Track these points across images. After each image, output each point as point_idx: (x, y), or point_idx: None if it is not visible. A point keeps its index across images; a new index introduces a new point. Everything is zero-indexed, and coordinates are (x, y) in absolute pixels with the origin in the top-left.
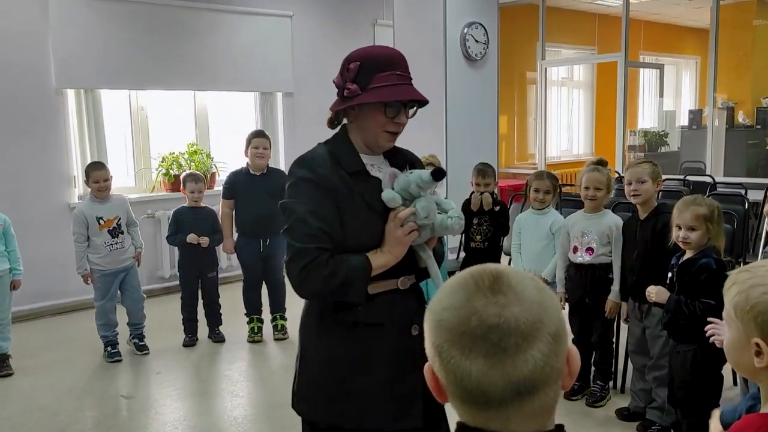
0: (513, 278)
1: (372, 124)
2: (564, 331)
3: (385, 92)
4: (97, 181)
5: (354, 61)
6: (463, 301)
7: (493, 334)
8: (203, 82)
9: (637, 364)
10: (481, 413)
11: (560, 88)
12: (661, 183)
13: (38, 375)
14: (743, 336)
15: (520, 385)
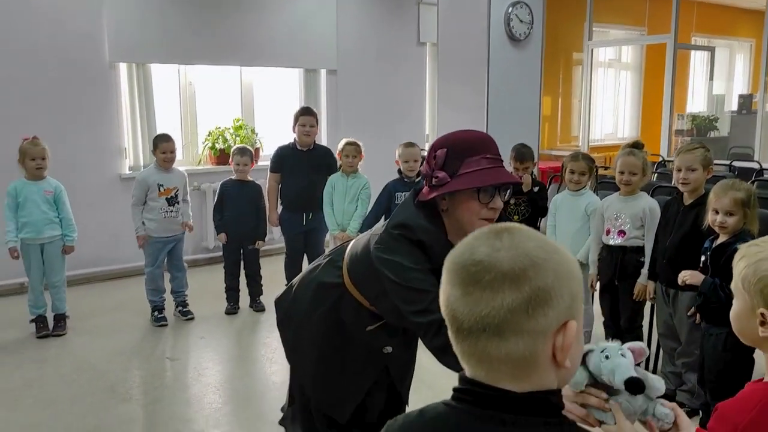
0: (520, 233)
1: (466, 212)
2: (558, 298)
3: (476, 177)
4: (164, 152)
5: (440, 148)
6: (470, 240)
7: (475, 267)
8: (249, 58)
9: (666, 348)
10: (459, 344)
11: (607, 69)
12: (712, 171)
13: (90, 336)
14: (749, 306)
15: (485, 320)
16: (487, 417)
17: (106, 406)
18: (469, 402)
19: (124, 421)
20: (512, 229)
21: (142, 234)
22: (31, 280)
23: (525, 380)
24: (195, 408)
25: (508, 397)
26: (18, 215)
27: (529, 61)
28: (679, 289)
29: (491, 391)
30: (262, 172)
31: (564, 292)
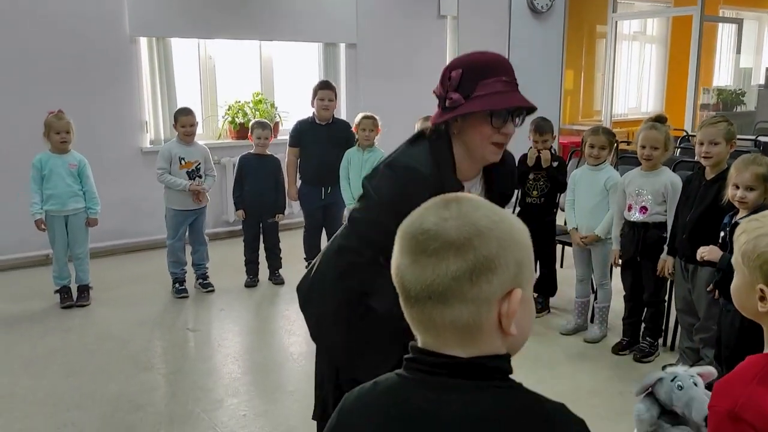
0: (469, 202)
1: (477, 136)
2: (503, 267)
3: (490, 100)
4: (185, 126)
5: (455, 69)
6: (421, 210)
7: (423, 236)
8: (269, 31)
9: (684, 323)
10: (408, 311)
11: (631, 42)
12: (734, 144)
13: (112, 307)
14: (749, 281)
15: (430, 288)
16: (435, 383)
17: (127, 375)
18: (418, 370)
19: (146, 389)
20: (461, 199)
21: (190, 186)
22: (56, 251)
23: (471, 346)
24: (214, 378)
25: (454, 362)
26: (43, 187)
27: (551, 33)
28: (698, 264)
29: (439, 358)
30: (282, 146)
31: (509, 260)
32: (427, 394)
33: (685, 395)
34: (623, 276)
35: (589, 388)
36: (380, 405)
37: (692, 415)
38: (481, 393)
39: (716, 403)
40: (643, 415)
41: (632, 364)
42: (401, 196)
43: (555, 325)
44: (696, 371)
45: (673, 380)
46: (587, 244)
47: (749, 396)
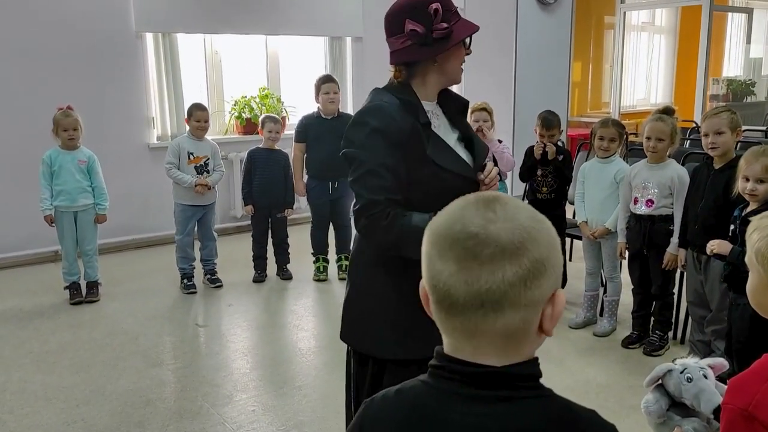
0: (510, 203)
1: (456, 60)
2: (552, 268)
3: (467, 25)
4: (198, 120)
5: (432, 3)
6: (456, 211)
7: (471, 241)
8: (274, 26)
9: (695, 316)
10: (449, 320)
11: (640, 33)
12: (740, 133)
13: (122, 302)
14: (764, 280)
15: (484, 296)
16: (465, 394)
17: (137, 370)
18: (446, 378)
19: (155, 384)
20: (502, 199)
21: (195, 181)
22: (65, 247)
23: (511, 352)
24: (223, 373)
25: (486, 372)
26: (53, 183)
27: (559, 25)
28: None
29: (470, 367)
30: (288, 141)
31: (555, 262)
32: (456, 406)
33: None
34: (630, 269)
35: (599, 382)
36: (405, 416)
37: (701, 407)
38: (511, 404)
39: (730, 401)
40: (651, 406)
41: (642, 357)
42: (379, 132)
43: (564, 319)
44: (707, 363)
45: (682, 372)
46: (597, 237)
47: (764, 394)
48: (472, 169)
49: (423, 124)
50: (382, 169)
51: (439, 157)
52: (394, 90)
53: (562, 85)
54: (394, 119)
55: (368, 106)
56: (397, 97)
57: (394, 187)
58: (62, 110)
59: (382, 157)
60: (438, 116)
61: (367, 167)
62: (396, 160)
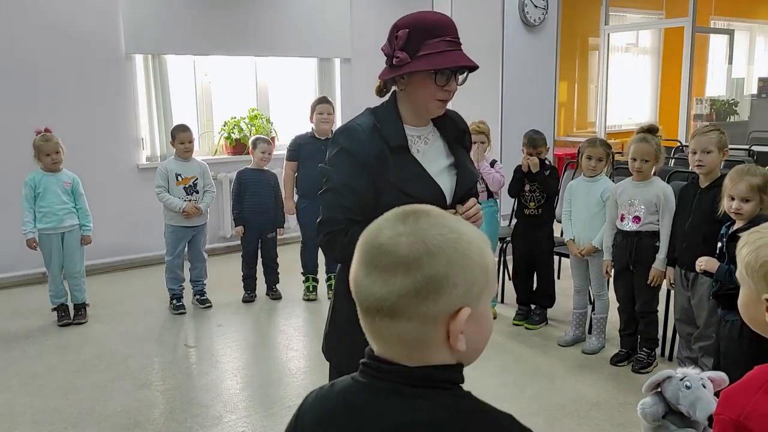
0: (427, 218)
1: (422, 92)
2: (452, 286)
3: (434, 60)
4: (183, 142)
5: (403, 29)
6: (381, 221)
7: (376, 250)
8: (263, 48)
9: (683, 333)
10: (363, 321)
11: (624, 54)
12: (727, 153)
13: (110, 324)
14: (755, 293)
15: (380, 303)
16: (381, 389)
17: (126, 392)
18: (370, 375)
19: (144, 405)
20: (419, 214)
21: (185, 208)
22: (51, 270)
23: (417, 358)
24: (213, 393)
25: (401, 370)
26: (38, 206)
27: (544, 46)
28: (698, 272)
29: (390, 366)
30: (277, 161)
31: (458, 280)
32: (374, 398)
33: (692, 395)
34: (616, 286)
35: (589, 399)
36: (331, 406)
37: (696, 415)
38: (422, 401)
39: (722, 412)
40: (647, 408)
41: (631, 375)
42: (347, 153)
43: (553, 337)
44: (708, 375)
45: (682, 379)
46: (584, 255)
47: (755, 405)
48: (444, 196)
49: (393, 147)
50: (345, 189)
51: (405, 182)
52: (377, 111)
53: (548, 105)
54: (362, 142)
55: (342, 126)
56: (374, 118)
57: (355, 208)
58: (41, 134)
59: (347, 177)
60: (429, 141)
61: (332, 185)
62: (362, 181)
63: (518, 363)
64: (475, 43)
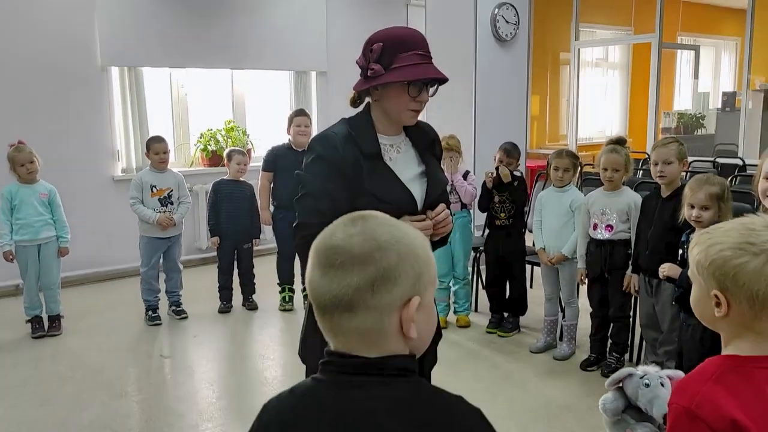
0: (374, 219)
1: (395, 103)
2: (404, 277)
3: (407, 72)
4: (158, 153)
5: (377, 42)
6: (331, 227)
7: (330, 251)
8: (240, 61)
9: (648, 338)
10: (319, 319)
11: (594, 68)
12: (686, 163)
13: (85, 335)
14: (704, 290)
15: (338, 299)
16: (344, 382)
17: (101, 403)
18: (330, 372)
19: (120, 416)
20: (367, 217)
21: (158, 218)
22: (27, 282)
23: (375, 348)
24: (189, 403)
25: (361, 362)
26: (14, 218)
27: (516, 61)
28: (661, 278)
29: (348, 359)
30: (254, 173)
31: (408, 272)
32: (338, 392)
33: (651, 392)
34: (590, 293)
35: (559, 403)
36: (294, 407)
37: (653, 412)
38: (385, 387)
39: (675, 401)
40: (608, 404)
41: (600, 379)
42: (323, 159)
43: (525, 344)
44: (666, 373)
45: (642, 377)
46: (554, 263)
47: (705, 394)
48: (415, 203)
49: (367, 155)
50: (321, 194)
51: (378, 188)
52: (351, 120)
53: (520, 118)
54: (337, 149)
55: (318, 134)
56: (349, 127)
57: (330, 212)
58: (14, 146)
59: (323, 182)
60: (401, 149)
61: (308, 190)
62: (336, 187)
63: (491, 369)
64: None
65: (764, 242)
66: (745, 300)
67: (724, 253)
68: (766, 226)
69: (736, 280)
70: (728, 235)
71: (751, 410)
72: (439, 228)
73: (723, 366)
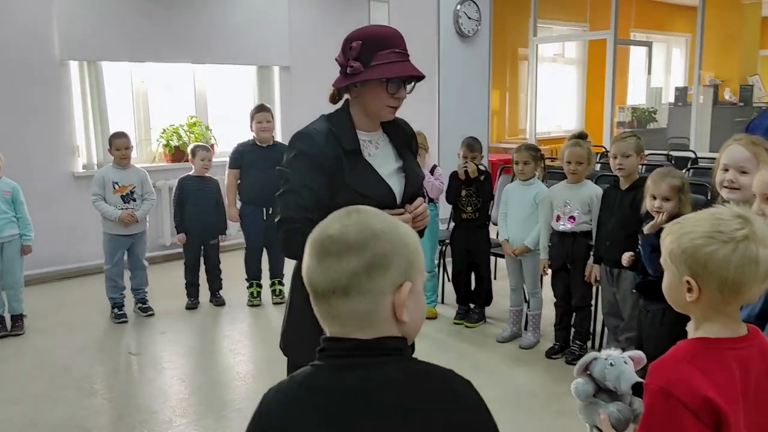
0: (367, 212)
1: (374, 99)
2: (396, 264)
3: (386, 69)
4: (119, 149)
5: (356, 40)
6: (327, 220)
7: (327, 240)
8: (202, 55)
9: (610, 326)
10: (316, 307)
11: (552, 64)
12: (644, 156)
13: (50, 334)
14: (677, 277)
15: (335, 283)
16: (343, 364)
17: (71, 401)
18: (328, 357)
19: (91, 414)
20: (360, 210)
21: (121, 215)
22: None
23: (369, 330)
24: (161, 399)
25: (358, 344)
26: None
27: (478, 56)
28: (622, 268)
29: (349, 341)
30: (218, 168)
31: (400, 259)
32: (337, 374)
33: (616, 370)
34: (554, 284)
35: (526, 390)
36: (299, 394)
37: (621, 386)
38: (382, 366)
39: (651, 381)
40: (580, 387)
41: (564, 366)
42: (305, 155)
43: (492, 334)
44: (628, 354)
45: (606, 359)
46: (518, 254)
47: (679, 374)
48: (395, 197)
49: (347, 151)
50: (303, 189)
51: (359, 183)
52: (331, 117)
53: (482, 113)
54: (318, 145)
55: (299, 131)
56: (329, 124)
57: (312, 207)
58: None
59: (305, 178)
60: (379, 145)
61: (291, 186)
62: (318, 182)
63: (460, 359)
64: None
65: (733, 231)
66: (715, 285)
67: (695, 242)
68: (734, 216)
69: (706, 267)
70: (699, 225)
71: (721, 388)
72: (417, 221)
73: (695, 348)
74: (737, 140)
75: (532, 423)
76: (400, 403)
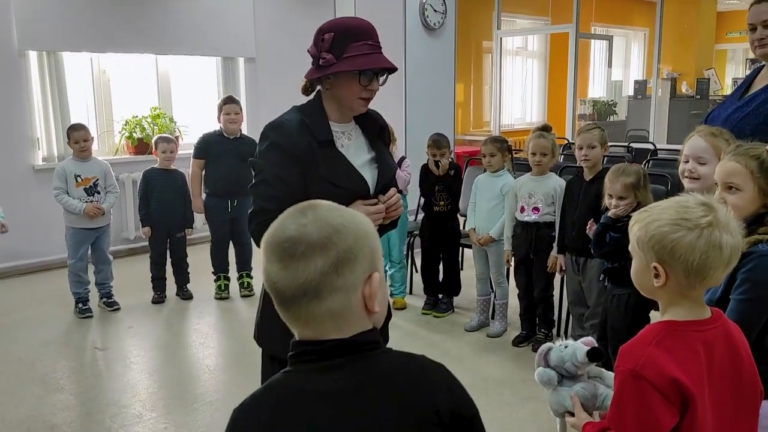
0: (323, 208)
1: (347, 91)
2: (362, 256)
3: (359, 61)
4: (78, 142)
5: (328, 32)
6: (279, 221)
7: (287, 242)
8: (164, 46)
9: (575, 314)
10: (285, 312)
11: (515, 57)
12: (607, 148)
13: (11, 330)
14: (644, 263)
15: (305, 286)
16: (325, 367)
17: (37, 397)
18: (302, 362)
19: (59, 409)
20: (315, 205)
21: (84, 208)
22: None
23: (346, 328)
24: (130, 394)
25: (338, 343)
26: None
27: (443, 49)
28: (587, 257)
29: (324, 344)
30: (184, 161)
31: (365, 250)
32: (319, 377)
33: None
34: (517, 275)
35: (495, 378)
36: (279, 402)
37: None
38: (365, 362)
39: (620, 364)
40: (543, 375)
41: (531, 354)
42: (278, 146)
43: (460, 323)
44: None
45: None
46: (483, 244)
47: (648, 356)
48: (368, 188)
49: (320, 142)
50: (276, 180)
51: (333, 174)
52: (303, 108)
53: (448, 105)
54: (291, 136)
55: (272, 122)
56: (302, 115)
57: (285, 199)
58: None
59: (278, 169)
60: (352, 137)
61: (263, 177)
62: (291, 173)
63: (429, 349)
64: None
65: (698, 218)
66: (681, 271)
67: (662, 229)
68: (698, 204)
69: (673, 253)
70: (665, 213)
71: (688, 369)
72: (390, 212)
73: (662, 331)
74: (698, 132)
75: (501, 409)
76: (389, 397)
